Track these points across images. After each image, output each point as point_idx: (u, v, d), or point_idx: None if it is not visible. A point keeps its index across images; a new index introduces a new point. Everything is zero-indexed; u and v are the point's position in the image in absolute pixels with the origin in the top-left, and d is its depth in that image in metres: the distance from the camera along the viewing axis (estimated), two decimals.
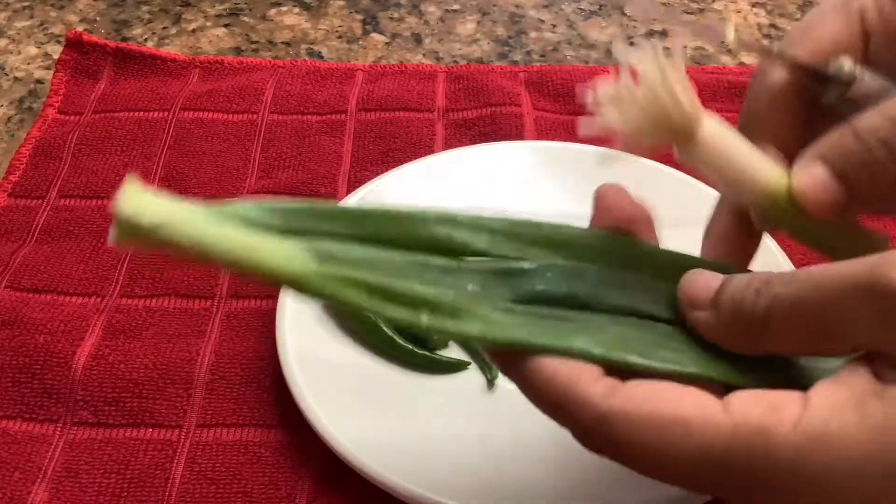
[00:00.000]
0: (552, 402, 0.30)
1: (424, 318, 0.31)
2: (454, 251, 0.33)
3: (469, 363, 0.49)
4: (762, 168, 0.33)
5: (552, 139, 0.63)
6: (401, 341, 0.49)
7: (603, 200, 0.34)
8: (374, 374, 0.48)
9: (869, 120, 0.30)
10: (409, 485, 0.42)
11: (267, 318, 0.52)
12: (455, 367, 0.49)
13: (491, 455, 0.45)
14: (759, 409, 0.27)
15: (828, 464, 0.26)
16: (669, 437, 0.28)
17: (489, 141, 0.63)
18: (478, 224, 0.34)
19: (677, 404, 0.28)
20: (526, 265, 0.33)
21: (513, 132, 0.63)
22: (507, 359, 0.31)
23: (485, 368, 0.49)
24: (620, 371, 0.30)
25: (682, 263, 0.34)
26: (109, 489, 0.45)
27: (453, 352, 0.50)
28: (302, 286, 0.30)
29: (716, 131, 0.34)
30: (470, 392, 0.48)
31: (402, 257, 0.32)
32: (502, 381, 0.49)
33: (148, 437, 0.47)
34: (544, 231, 0.34)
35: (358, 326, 0.50)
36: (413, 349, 0.49)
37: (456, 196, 0.59)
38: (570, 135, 0.64)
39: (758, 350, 0.30)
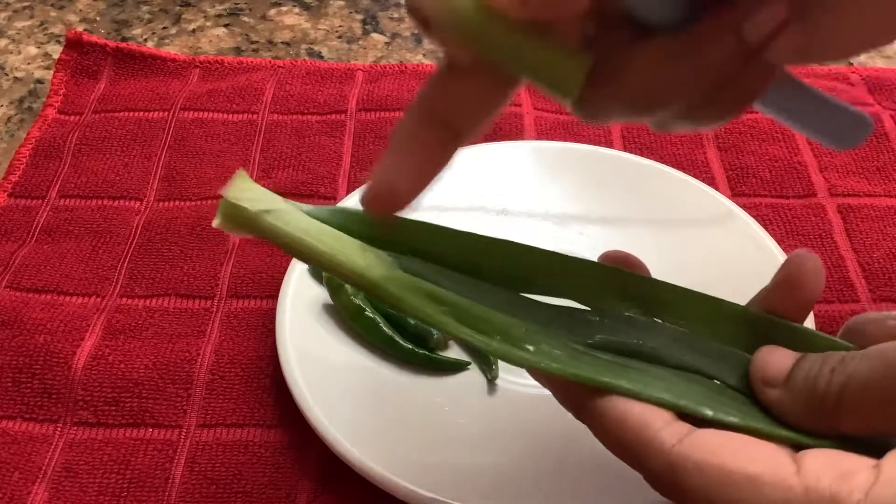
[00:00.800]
0: (622, 443, 0.29)
1: (495, 345, 0.31)
2: (530, 286, 0.34)
3: (469, 363, 0.49)
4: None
5: (552, 139, 0.63)
6: (401, 341, 0.49)
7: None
8: (374, 374, 0.48)
9: None
10: (409, 485, 0.42)
11: (267, 318, 0.52)
12: (455, 367, 0.49)
13: (491, 455, 0.45)
14: (831, 474, 0.27)
15: None
16: (739, 492, 0.27)
17: (489, 141, 0.63)
18: (559, 264, 0.35)
19: (750, 459, 0.28)
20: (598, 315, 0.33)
21: (513, 132, 0.63)
22: (577, 398, 0.31)
23: (485, 368, 0.49)
24: (690, 420, 0.30)
25: (757, 325, 0.33)
26: (109, 489, 0.45)
27: (453, 352, 0.50)
28: (382, 292, 0.32)
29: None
30: (470, 392, 0.48)
31: (479, 282, 0.33)
32: (502, 381, 0.49)
33: (148, 437, 0.47)
34: (625, 279, 0.35)
35: (358, 326, 0.50)
36: (413, 349, 0.49)
37: (456, 196, 0.59)
38: (570, 135, 0.64)
39: (831, 430, 0.30)
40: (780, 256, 0.52)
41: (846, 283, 0.54)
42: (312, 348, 0.49)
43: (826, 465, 0.27)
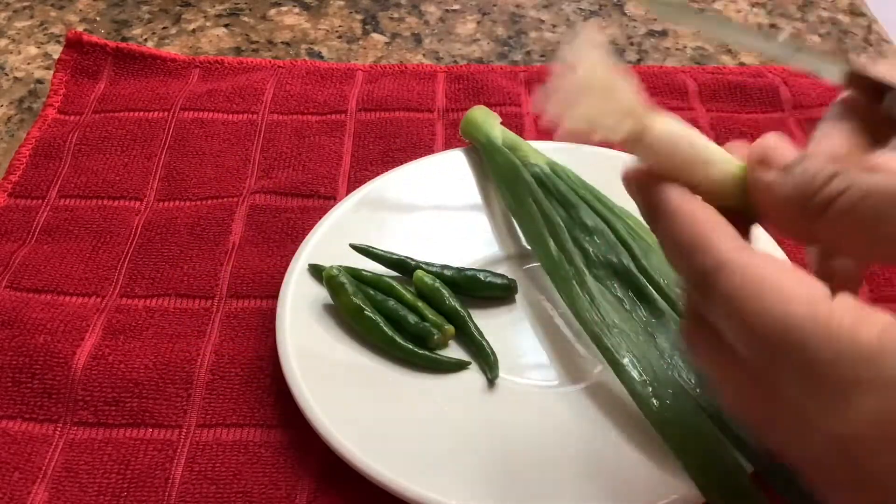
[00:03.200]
0: (684, 233, 0.31)
1: None
2: None
3: (469, 363, 0.49)
4: (716, 157, 0.34)
5: (552, 139, 0.63)
6: (401, 341, 0.49)
7: None
8: (374, 374, 0.48)
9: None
10: (410, 485, 0.42)
11: (267, 318, 0.52)
12: (455, 367, 0.49)
13: (491, 455, 0.45)
14: (855, 311, 0.28)
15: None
16: (771, 301, 0.28)
17: None
18: None
19: (793, 280, 0.29)
20: None
21: (513, 132, 0.63)
22: (653, 184, 0.33)
23: (485, 368, 0.49)
24: None
25: None
26: (109, 489, 0.45)
27: (453, 352, 0.50)
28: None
29: (664, 130, 0.34)
30: (470, 392, 0.48)
31: None
32: (502, 381, 0.49)
33: (148, 437, 0.47)
34: None
35: (358, 326, 0.50)
36: (413, 349, 0.49)
37: (456, 196, 0.59)
38: (569, 134, 0.64)
39: (806, 233, 0.31)
40: (780, 256, 0.52)
41: None
42: (312, 348, 0.49)
43: (854, 306, 0.28)
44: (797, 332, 0.28)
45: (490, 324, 0.51)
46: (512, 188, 0.56)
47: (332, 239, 0.54)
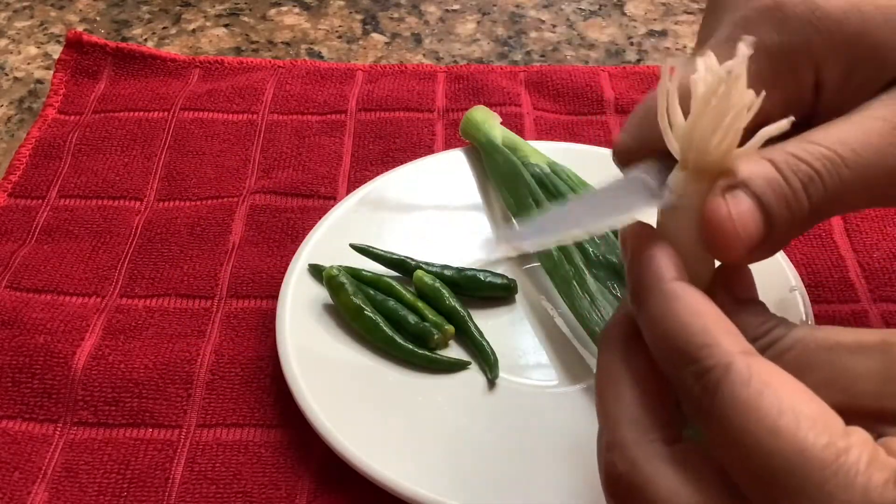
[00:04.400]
0: (686, 331, 0.28)
1: None
2: None
3: (469, 363, 0.49)
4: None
5: (552, 139, 0.63)
6: (401, 341, 0.49)
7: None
8: (374, 374, 0.48)
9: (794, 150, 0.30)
10: (409, 485, 0.42)
11: (267, 318, 0.52)
12: (455, 367, 0.49)
13: (491, 455, 0.45)
14: (868, 452, 0.25)
15: None
16: (791, 425, 0.25)
17: None
18: None
19: (809, 400, 0.26)
20: None
21: (513, 132, 0.63)
22: (645, 282, 0.29)
23: (485, 368, 0.49)
24: None
25: None
26: (109, 489, 0.45)
27: (453, 352, 0.50)
28: None
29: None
30: (470, 392, 0.48)
31: None
32: (502, 381, 0.49)
33: (148, 437, 0.47)
34: None
35: (358, 326, 0.50)
36: (413, 349, 0.49)
37: (456, 196, 0.59)
38: (569, 135, 0.64)
39: None
40: (779, 256, 0.52)
41: (846, 283, 0.54)
42: (312, 348, 0.49)
43: (870, 446, 0.26)
44: (813, 470, 0.25)
45: (490, 324, 0.51)
46: (512, 188, 0.56)
47: (332, 239, 0.54)
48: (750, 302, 0.30)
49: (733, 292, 0.30)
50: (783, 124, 0.29)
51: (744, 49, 0.28)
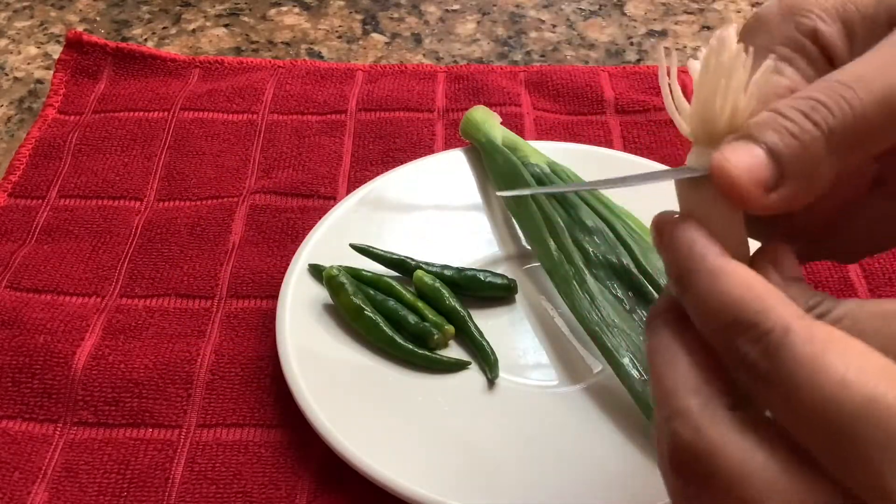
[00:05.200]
0: (739, 301, 0.27)
1: None
2: None
3: (469, 363, 0.49)
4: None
5: (552, 139, 0.63)
6: (401, 341, 0.49)
7: None
8: (374, 374, 0.48)
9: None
10: (409, 485, 0.42)
11: (267, 318, 0.52)
12: (455, 367, 0.49)
13: (491, 455, 0.45)
14: None
15: None
16: (844, 361, 0.25)
17: None
18: None
19: (872, 354, 0.26)
20: None
21: (513, 132, 0.63)
22: (688, 263, 0.29)
23: (485, 368, 0.49)
24: None
25: None
26: (109, 489, 0.45)
27: (453, 352, 0.50)
28: None
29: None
30: (470, 392, 0.48)
31: None
32: (502, 381, 0.49)
33: (148, 437, 0.47)
34: None
35: (358, 326, 0.50)
36: (413, 349, 0.49)
37: (456, 196, 0.59)
38: (570, 135, 0.64)
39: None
40: None
41: (846, 283, 0.54)
42: (312, 348, 0.49)
43: None
44: (885, 419, 0.24)
45: (490, 324, 0.51)
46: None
47: (332, 239, 0.54)
48: (794, 280, 0.30)
49: (778, 270, 0.30)
50: (769, 64, 0.29)
51: (731, 25, 0.30)
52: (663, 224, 0.31)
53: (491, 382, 0.49)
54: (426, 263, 0.53)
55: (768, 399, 0.27)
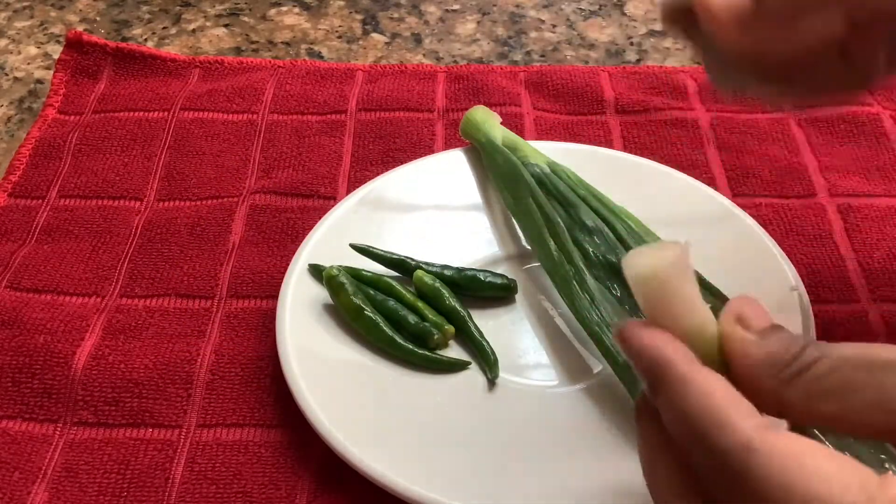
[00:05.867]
0: (700, 413, 0.28)
1: None
2: None
3: (469, 363, 0.49)
4: (700, 309, 0.31)
5: (552, 139, 0.63)
6: (401, 341, 0.49)
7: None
8: (374, 374, 0.48)
9: None
10: (409, 485, 0.42)
11: (267, 318, 0.52)
12: (455, 366, 0.49)
13: (491, 455, 0.45)
14: None
15: None
16: (818, 484, 0.26)
17: None
18: None
19: (841, 464, 0.26)
20: None
21: (513, 132, 0.63)
22: (662, 367, 0.30)
23: (485, 368, 0.49)
24: None
25: None
26: (109, 489, 0.45)
27: (453, 352, 0.50)
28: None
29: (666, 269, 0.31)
30: (470, 392, 0.48)
31: None
32: (502, 381, 0.49)
33: (148, 437, 0.47)
34: None
35: (358, 326, 0.50)
36: (413, 349, 0.49)
37: (456, 196, 0.59)
38: (570, 135, 0.64)
39: (774, 402, 0.29)
40: (779, 256, 0.52)
41: (846, 284, 0.54)
42: (312, 348, 0.49)
43: None
44: None
45: (490, 324, 0.51)
46: (512, 188, 0.56)
47: (332, 239, 0.54)
48: (769, 330, 0.30)
49: (749, 327, 0.30)
50: None
51: None
52: (629, 332, 0.31)
53: (491, 382, 0.49)
54: (426, 263, 0.53)
55: None
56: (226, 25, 0.77)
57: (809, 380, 0.28)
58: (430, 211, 0.58)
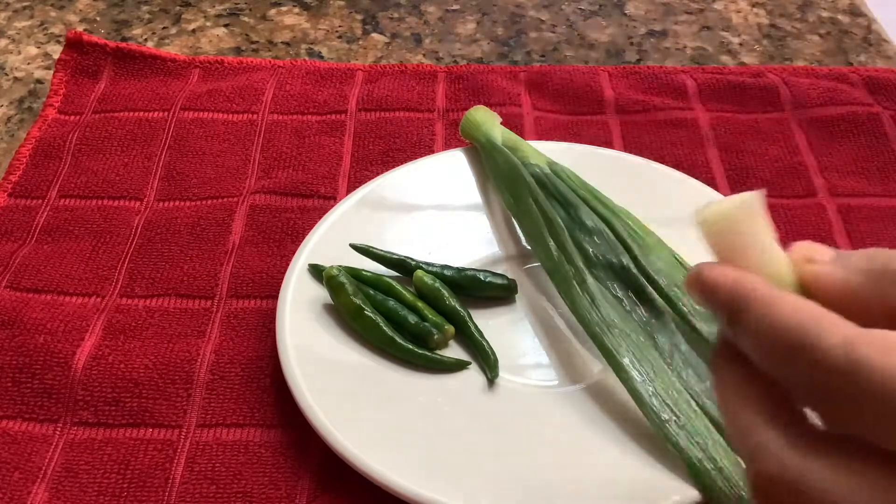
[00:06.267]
0: (795, 327, 0.28)
1: None
2: None
3: (469, 363, 0.49)
4: (774, 253, 0.32)
5: (552, 139, 0.63)
6: (401, 341, 0.49)
7: None
8: (374, 374, 0.48)
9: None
10: (409, 485, 0.42)
11: (267, 318, 0.52)
12: (455, 366, 0.49)
13: (491, 455, 0.45)
14: None
15: None
16: None
17: None
18: None
19: None
20: None
21: (513, 132, 0.63)
22: (739, 302, 0.30)
23: (485, 368, 0.49)
24: None
25: None
26: (109, 489, 0.45)
27: (453, 352, 0.50)
28: None
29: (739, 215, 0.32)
30: (470, 392, 0.48)
31: None
32: (502, 381, 0.49)
33: (148, 437, 0.47)
34: None
35: (358, 326, 0.50)
36: (413, 349, 0.49)
37: (456, 196, 0.59)
38: (570, 135, 0.64)
39: (862, 314, 0.29)
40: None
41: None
42: (312, 348, 0.49)
43: None
44: None
45: (490, 324, 0.51)
46: (512, 188, 0.56)
47: (332, 239, 0.54)
48: (842, 255, 0.31)
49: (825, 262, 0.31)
50: None
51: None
52: (703, 271, 0.31)
53: (491, 382, 0.49)
54: (426, 263, 0.53)
55: (841, 413, 0.27)
56: (226, 25, 0.77)
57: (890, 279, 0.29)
58: (430, 211, 0.58)
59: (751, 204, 0.31)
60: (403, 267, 0.53)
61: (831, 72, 0.69)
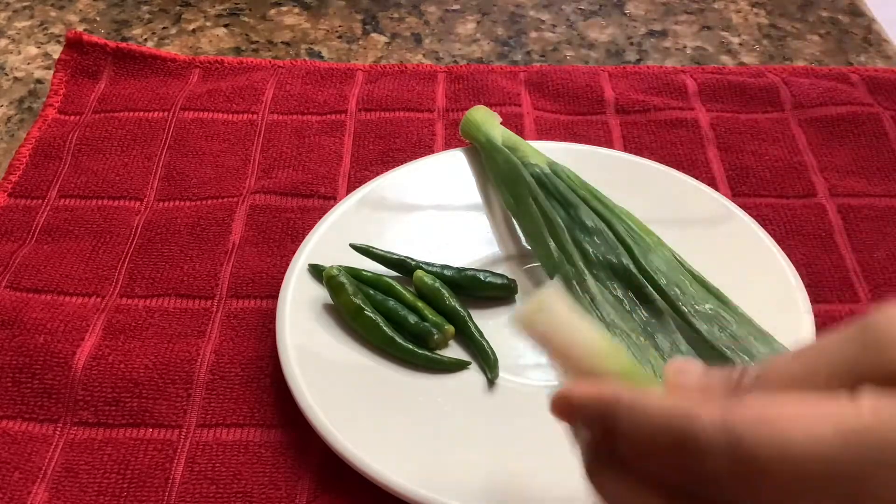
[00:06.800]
0: (666, 421, 0.27)
1: None
2: None
3: (469, 363, 0.49)
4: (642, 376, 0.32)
5: (552, 139, 0.63)
6: (401, 341, 0.49)
7: None
8: (374, 374, 0.48)
9: None
10: (410, 485, 0.42)
11: (267, 318, 0.52)
12: (455, 366, 0.49)
13: (491, 455, 0.45)
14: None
15: None
16: (809, 424, 0.25)
17: None
18: None
19: (809, 402, 0.26)
20: None
21: (513, 132, 0.63)
22: (608, 407, 0.29)
23: (485, 368, 0.49)
24: None
25: None
26: (109, 489, 0.45)
27: (453, 352, 0.50)
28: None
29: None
30: (470, 392, 0.48)
31: None
32: (502, 381, 0.49)
33: (148, 437, 0.47)
34: None
35: (358, 326, 0.50)
36: (413, 349, 0.49)
37: (456, 196, 0.59)
38: (570, 135, 0.64)
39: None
40: (780, 256, 0.52)
41: (846, 283, 0.54)
42: (312, 348, 0.49)
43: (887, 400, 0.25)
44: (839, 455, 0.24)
45: (490, 324, 0.51)
46: (512, 188, 0.56)
47: (332, 239, 0.54)
48: (709, 370, 0.30)
49: (690, 372, 0.31)
50: None
51: None
52: (566, 392, 0.31)
53: (491, 382, 0.49)
54: (426, 263, 0.53)
55: (739, 493, 0.26)
56: (226, 25, 0.77)
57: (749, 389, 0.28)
58: (430, 211, 0.58)
59: (553, 294, 0.31)
60: (403, 267, 0.53)
61: (831, 72, 0.70)
